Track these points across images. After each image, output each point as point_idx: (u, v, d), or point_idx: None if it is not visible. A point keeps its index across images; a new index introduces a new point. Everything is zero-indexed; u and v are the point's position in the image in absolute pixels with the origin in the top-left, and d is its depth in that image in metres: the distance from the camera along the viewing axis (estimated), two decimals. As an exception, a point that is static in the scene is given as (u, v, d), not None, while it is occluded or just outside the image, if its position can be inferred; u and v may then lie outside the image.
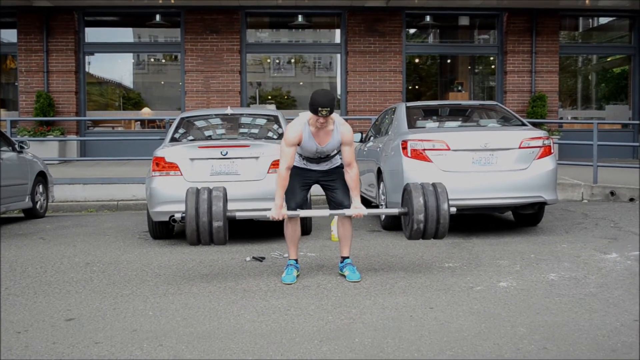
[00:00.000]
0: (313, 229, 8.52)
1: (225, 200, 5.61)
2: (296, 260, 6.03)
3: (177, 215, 5.64)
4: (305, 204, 6.09)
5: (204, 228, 5.54)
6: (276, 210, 5.68)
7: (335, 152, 5.90)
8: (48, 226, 9.59)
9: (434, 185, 5.85)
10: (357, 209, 5.78)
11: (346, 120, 16.31)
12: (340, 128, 5.74)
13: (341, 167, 5.94)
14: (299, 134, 5.69)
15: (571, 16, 18.06)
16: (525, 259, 6.65)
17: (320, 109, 5.48)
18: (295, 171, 5.88)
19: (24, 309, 5.10)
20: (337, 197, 5.93)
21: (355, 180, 5.77)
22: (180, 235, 8.46)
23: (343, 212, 5.82)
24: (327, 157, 5.89)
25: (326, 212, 5.85)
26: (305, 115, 5.73)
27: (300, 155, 5.89)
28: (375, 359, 3.89)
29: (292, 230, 5.95)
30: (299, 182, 5.91)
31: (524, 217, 8.69)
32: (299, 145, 5.74)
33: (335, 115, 5.74)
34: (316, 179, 5.97)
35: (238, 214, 5.76)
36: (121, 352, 4.07)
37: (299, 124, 5.71)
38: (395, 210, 6.00)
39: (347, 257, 6.04)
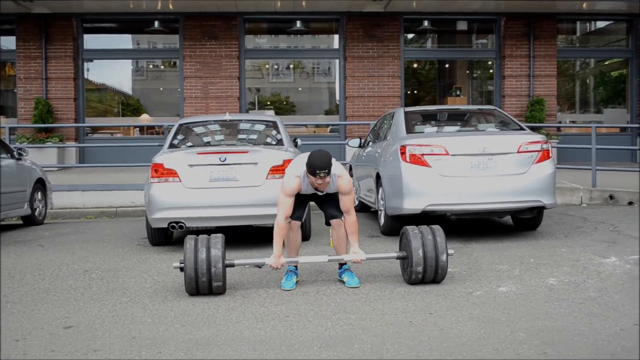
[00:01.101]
0: (312, 235, 8.51)
1: (224, 256, 5.56)
2: (296, 266, 6.02)
3: (176, 265, 5.60)
4: (304, 216, 6.08)
5: (204, 287, 5.53)
6: (275, 259, 5.67)
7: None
8: (47, 233, 9.57)
9: (432, 232, 5.81)
10: (356, 254, 5.79)
11: (345, 125, 16.42)
12: (337, 181, 5.72)
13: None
14: (297, 186, 5.72)
15: (569, 20, 18.08)
16: (525, 263, 6.64)
17: (318, 172, 5.49)
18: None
19: (22, 316, 5.09)
20: (329, 210, 5.93)
21: (353, 226, 5.78)
22: (179, 242, 8.45)
23: (341, 257, 5.85)
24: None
25: (325, 257, 5.86)
26: (302, 164, 5.71)
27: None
28: (374, 365, 3.88)
29: (292, 237, 5.94)
30: (299, 201, 5.89)
31: (523, 222, 8.68)
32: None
33: (333, 166, 5.65)
34: (314, 198, 5.97)
35: (237, 262, 5.74)
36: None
37: (297, 174, 5.72)
38: (393, 255, 5.96)
39: (345, 263, 6.02)
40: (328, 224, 6.03)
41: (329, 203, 5.92)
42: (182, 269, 5.55)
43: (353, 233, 5.80)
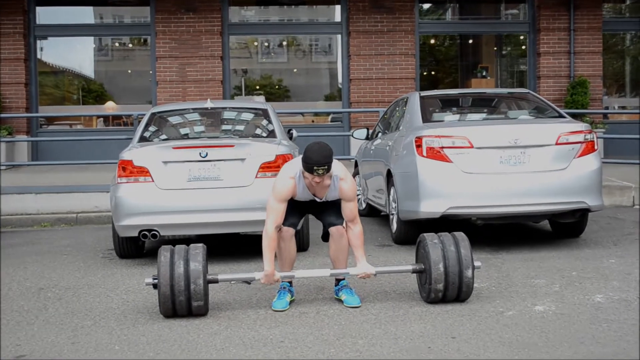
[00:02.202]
0: (311, 245, 8.51)
1: (206, 270, 5.56)
2: (290, 283, 6.01)
3: (148, 281, 5.60)
4: (298, 224, 6.08)
5: (182, 307, 5.52)
6: (267, 277, 5.65)
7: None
8: (-6, 244, 9.57)
9: (455, 242, 5.82)
10: (363, 267, 5.78)
11: (349, 113, 16.41)
12: (340, 184, 5.71)
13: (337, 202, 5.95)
14: (291, 189, 5.69)
15: (616, -14, 18.09)
16: (566, 277, 6.64)
17: (316, 168, 5.43)
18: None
19: (-35, 344, 5.08)
20: (327, 218, 5.93)
21: (359, 237, 5.80)
22: (152, 254, 8.44)
23: (347, 271, 5.84)
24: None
25: (327, 271, 5.86)
26: (298, 164, 5.69)
27: None
28: (386, 400, 3.87)
29: (285, 248, 5.93)
30: (295, 207, 5.88)
31: (563, 227, 8.68)
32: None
33: (334, 167, 5.65)
34: (312, 204, 5.95)
35: (222, 277, 5.74)
36: (81, 395, 4.05)
37: (291, 176, 5.70)
38: (408, 268, 5.96)
39: (343, 279, 6.02)
40: (325, 239, 6.01)
41: (328, 210, 5.91)
42: (155, 286, 5.55)
43: (359, 246, 5.80)
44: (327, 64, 19.17)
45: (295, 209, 5.93)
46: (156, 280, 5.52)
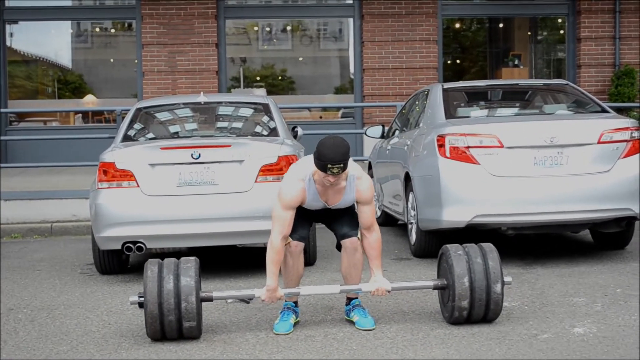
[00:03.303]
0: (319, 259, 8.52)
1: (199, 287, 5.59)
2: (295, 302, 6.03)
3: (133, 299, 5.64)
4: (308, 236, 6.11)
5: (172, 328, 5.55)
6: (269, 293, 5.68)
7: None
8: (-42, 258, 9.61)
9: (482, 254, 5.84)
10: (377, 282, 5.80)
11: (362, 108, 16.42)
12: (356, 185, 5.74)
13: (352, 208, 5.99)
14: (300, 195, 5.70)
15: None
16: (609, 295, 6.64)
17: (330, 165, 5.42)
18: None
19: None
20: (342, 228, 5.94)
21: (376, 247, 5.82)
22: (136, 270, 8.47)
23: (359, 287, 5.86)
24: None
25: (336, 287, 5.88)
26: (308, 165, 5.71)
27: None
28: None
29: (292, 264, 5.93)
30: (303, 215, 5.91)
31: (606, 238, 8.67)
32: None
33: (349, 167, 5.66)
34: (324, 213, 5.98)
35: (217, 294, 5.77)
36: None
37: (300, 179, 5.71)
38: (429, 284, 5.99)
39: (356, 297, 6.04)
40: (339, 247, 6.03)
41: (341, 218, 5.93)
42: (141, 305, 5.57)
43: (375, 257, 5.82)
44: (337, 52, 19.18)
45: (305, 218, 5.94)
46: (142, 299, 5.54)
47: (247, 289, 7.21)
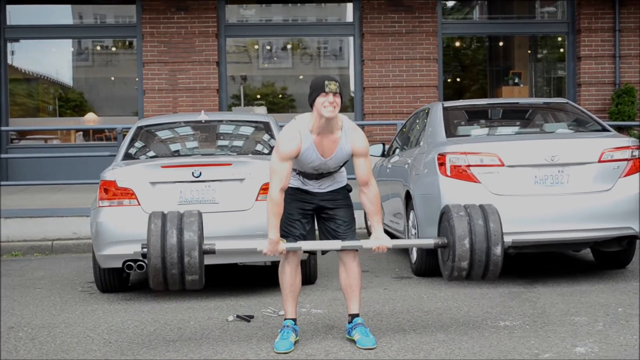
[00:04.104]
0: (319, 277, 8.51)
1: (202, 228, 5.64)
2: (294, 320, 6.02)
3: (136, 249, 5.67)
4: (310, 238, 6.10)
5: (174, 280, 5.57)
6: (271, 245, 5.71)
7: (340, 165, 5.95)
8: (-42, 276, 9.60)
9: (484, 213, 5.86)
10: (378, 239, 5.82)
11: (362, 127, 16.42)
12: (351, 135, 5.79)
13: (347, 188, 5.98)
14: (297, 144, 5.71)
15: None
16: (611, 314, 6.63)
17: (327, 82, 5.59)
18: (290, 193, 5.88)
19: None
20: (338, 228, 5.94)
21: (375, 202, 5.85)
22: (138, 288, 8.46)
23: (360, 243, 5.84)
24: (330, 173, 5.92)
25: (338, 243, 5.87)
26: (304, 120, 5.77)
27: (294, 169, 5.90)
28: None
29: (290, 278, 5.94)
30: (297, 209, 5.91)
31: (607, 257, 8.67)
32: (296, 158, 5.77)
33: (343, 118, 5.82)
34: (318, 203, 5.97)
35: (219, 247, 5.81)
36: None
37: (297, 130, 5.74)
38: (430, 242, 6.05)
39: (357, 315, 6.03)
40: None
41: (338, 218, 5.93)
42: (144, 256, 5.59)
43: (376, 212, 5.85)
44: (337, 70, 19.22)
45: (304, 213, 5.94)
46: (145, 250, 5.57)
47: (248, 308, 7.23)
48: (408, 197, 8.81)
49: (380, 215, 5.88)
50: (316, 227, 6.13)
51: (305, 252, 6.07)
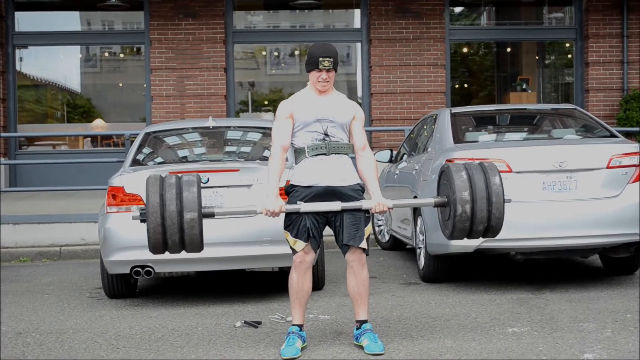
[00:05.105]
0: (327, 283, 8.51)
1: (200, 188, 5.67)
2: (301, 326, 6.01)
3: (135, 213, 5.68)
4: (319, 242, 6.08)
5: (172, 222, 5.53)
6: (271, 199, 5.76)
7: (347, 143, 5.98)
8: (-34, 282, 9.62)
9: (483, 168, 5.94)
10: (377, 200, 5.89)
11: (370, 133, 16.42)
12: (347, 100, 6.11)
13: (359, 188, 5.99)
14: (293, 102, 5.99)
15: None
16: (619, 320, 6.62)
17: (321, 59, 5.83)
18: (304, 195, 5.88)
19: None
20: (348, 231, 5.88)
21: (372, 166, 6.00)
22: (145, 293, 8.47)
23: (360, 204, 5.85)
24: (338, 142, 5.92)
25: (338, 205, 5.83)
26: (304, 88, 6.10)
27: (303, 151, 5.92)
28: None
29: (296, 284, 5.93)
30: (310, 215, 5.90)
31: (616, 263, 8.65)
32: (295, 126, 5.92)
33: (339, 93, 6.13)
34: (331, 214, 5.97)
35: (218, 210, 5.88)
36: None
37: (294, 95, 6.09)
38: (430, 201, 6.10)
39: (366, 321, 6.03)
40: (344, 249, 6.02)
41: (348, 220, 5.90)
42: (142, 217, 5.61)
43: (374, 177, 5.96)
44: (344, 76, 19.23)
45: (309, 222, 5.90)
46: (144, 213, 5.61)
47: (254, 313, 7.22)
48: (416, 203, 8.80)
49: (378, 180, 6.01)
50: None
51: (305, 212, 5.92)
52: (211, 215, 5.78)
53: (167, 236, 5.56)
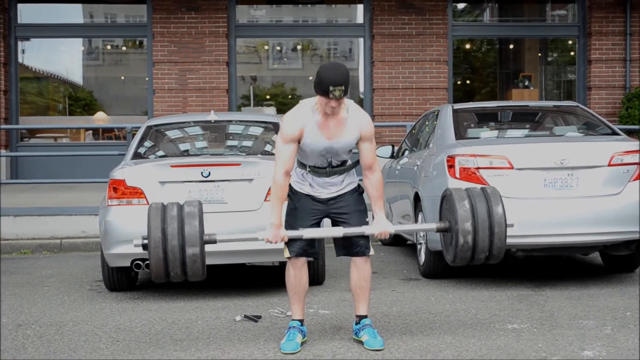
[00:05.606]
0: (327, 277, 8.51)
1: (202, 219, 5.64)
2: (301, 320, 6.01)
3: (137, 241, 5.68)
4: (317, 244, 6.08)
5: (174, 256, 5.53)
6: (272, 230, 5.70)
7: (349, 161, 5.93)
8: (-33, 274, 9.63)
9: (485, 195, 5.91)
10: (380, 225, 5.82)
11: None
12: (356, 117, 5.77)
13: (358, 190, 5.96)
14: (300, 125, 5.70)
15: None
16: (619, 318, 6.62)
17: (332, 88, 5.46)
18: (299, 200, 5.89)
19: None
20: (353, 238, 5.91)
21: (378, 187, 5.84)
22: (146, 287, 8.47)
23: (362, 230, 5.83)
24: (341, 166, 5.88)
25: (340, 230, 5.84)
26: (309, 102, 5.78)
27: (304, 166, 5.89)
28: None
29: (294, 280, 5.93)
30: (306, 213, 5.90)
31: (616, 261, 8.66)
32: (299, 144, 5.74)
33: (349, 102, 5.80)
34: (328, 211, 5.96)
35: (220, 237, 5.83)
36: None
37: (300, 112, 5.74)
38: (432, 226, 6.07)
39: (365, 317, 6.02)
40: (341, 254, 6.02)
41: (353, 220, 5.91)
42: (145, 247, 5.60)
43: (379, 197, 5.83)
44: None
45: (312, 216, 5.91)
46: (146, 241, 5.59)
47: (256, 308, 7.23)
48: (417, 198, 8.80)
49: (382, 201, 5.87)
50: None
51: (307, 238, 5.90)
52: (213, 242, 5.76)
53: (169, 269, 5.58)
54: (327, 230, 5.95)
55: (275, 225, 5.69)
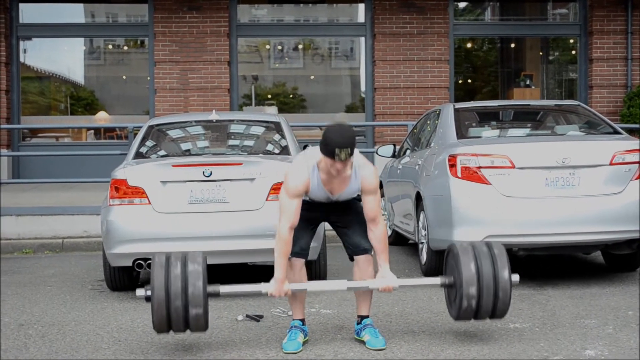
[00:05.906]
0: (329, 277, 8.49)
1: (205, 277, 5.59)
2: (302, 320, 6.01)
3: (140, 293, 5.66)
4: (311, 247, 6.09)
5: (177, 315, 5.53)
6: (277, 285, 5.68)
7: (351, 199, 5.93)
8: (-32, 273, 9.63)
9: (488, 245, 5.87)
10: (385, 279, 5.78)
11: (373, 127, 16.42)
12: (361, 172, 5.70)
13: (358, 199, 5.95)
14: (304, 183, 5.66)
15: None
16: (621, 317, 6.61)
17: (337, 151, 5.35)
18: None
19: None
20: (352, 238, 5.92)
21: (382, 240, 5.78)
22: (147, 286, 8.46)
23: (366, 284, 5.83)
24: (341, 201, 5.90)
25: (343, 283, 5.85)
26: (313, 155, 5.68)
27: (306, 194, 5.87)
28: None
29: (295, 279, 5.91)
30: (303, 218, 5.88)
31: (618, 260, 8.65)
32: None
33: (355, 157, 5.64)
34: (326, 214, 5.97)
35: (223, 290, 5.78)
36: None
37: (305, 169, 5.68)
38: (437, 281, 6.01)
39: (367, 317, 6.02)
40: (352, 258, 6.02)
41: (353, 226, 5.91)
42: (148, 299, 5.57)
43: (383, 250, 5.78)
44: (348, 71, 19.22)
45: (307, 225, 5.92)
46: (149, 292, 5.56)
47: (257, 308, 7.22)
48: (418, 198, 8.80)
49: (386, 254, 5.80)
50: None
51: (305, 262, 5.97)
52: (216, 295, 5.74)
53: (172, 325, 5.58)
54: (331, 284, 5.99)
55: (279, 280, 5.67)
